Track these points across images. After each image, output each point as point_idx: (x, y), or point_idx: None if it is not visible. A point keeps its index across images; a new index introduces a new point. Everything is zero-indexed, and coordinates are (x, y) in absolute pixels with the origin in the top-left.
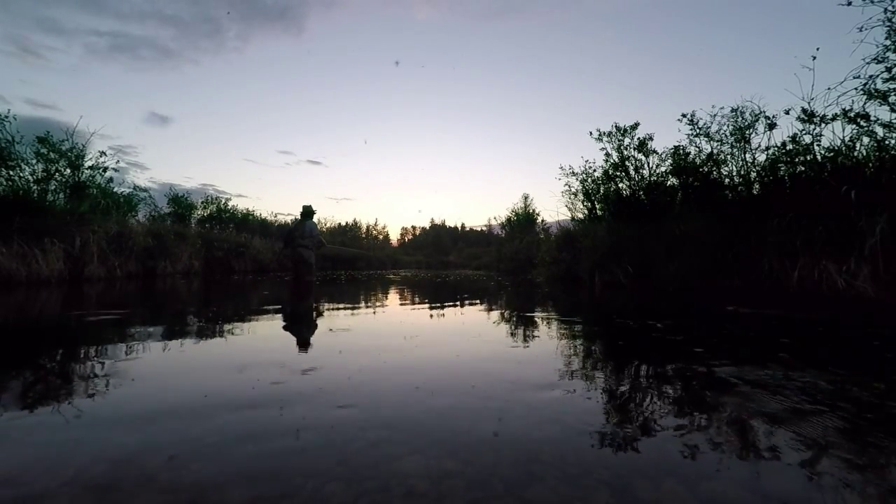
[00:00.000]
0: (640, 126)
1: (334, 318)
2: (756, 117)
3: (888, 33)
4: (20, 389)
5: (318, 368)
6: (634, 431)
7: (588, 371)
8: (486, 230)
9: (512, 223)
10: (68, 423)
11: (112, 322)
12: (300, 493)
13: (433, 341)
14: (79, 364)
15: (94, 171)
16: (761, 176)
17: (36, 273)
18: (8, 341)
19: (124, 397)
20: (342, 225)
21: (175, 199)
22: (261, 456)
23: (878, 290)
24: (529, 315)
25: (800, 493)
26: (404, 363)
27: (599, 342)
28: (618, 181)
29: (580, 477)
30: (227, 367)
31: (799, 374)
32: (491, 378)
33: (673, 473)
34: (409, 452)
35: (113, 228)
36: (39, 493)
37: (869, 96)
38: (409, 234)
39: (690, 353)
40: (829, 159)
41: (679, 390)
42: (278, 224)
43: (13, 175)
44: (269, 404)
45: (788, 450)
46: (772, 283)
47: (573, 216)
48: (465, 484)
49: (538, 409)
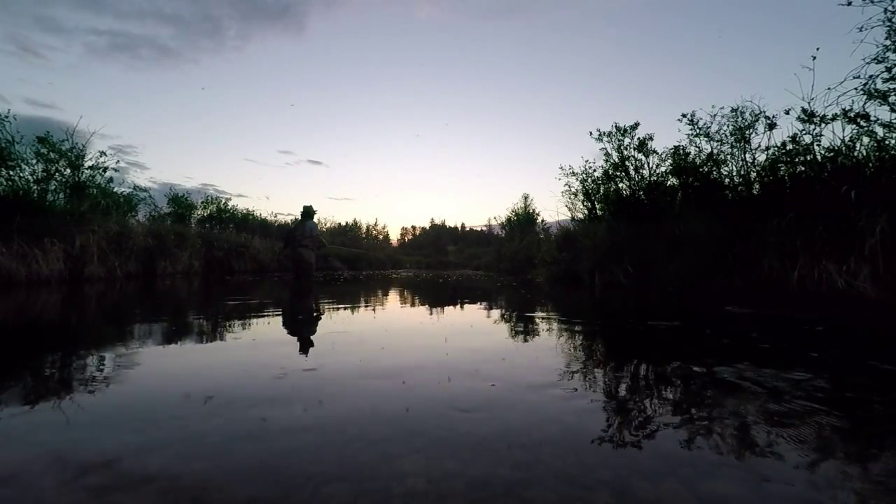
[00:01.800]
0: (640, 126)
1: (351, 321)
2: (756, 117)
3: (888, 33)
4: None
5: (318, 368)
6: (634, 431)
7: (588, 371)
8: (486, 230)
9: (512, 223)
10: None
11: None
12: (300, 493)
13: (434, 341)
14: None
15: (94, 171)
16: (761, 176)
17: (36, 273)
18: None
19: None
20: (342, 225)
21: (175, 199)
22: (261, 456)
23: (878, 290)
24: (529, 315)
25: (799, 492)
26: (404, 363)
27: (599, 342)
28: (618, 181)
29: (580, 477)
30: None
31: (798, 373)
32: (490, 378)
33: (673, 473)
34: (409, 452)
35: (113, 228)
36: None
37: (869, 96)
38: (409, 234)
39: (690, 353)
40: (829, 159)
41: (679, 390)
42: (278, 224)
43: (13, 175)
44: (270, 403)
45: (788, 449)
46: (772, 283)
47: (573, 216)
48: (465, 484)
49: (538, 409)
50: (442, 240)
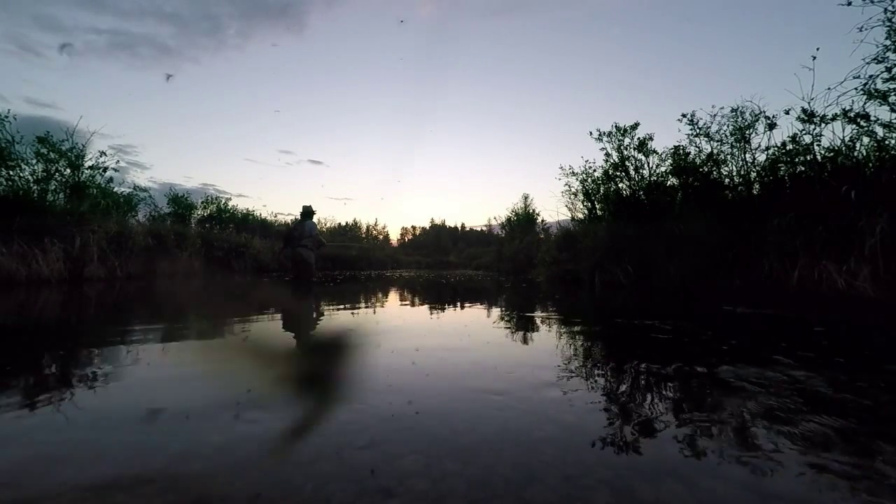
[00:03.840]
0: (640, 126)
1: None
2: (756, 117)
3: (888, 33)
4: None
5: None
6: (634, 431)
7: (588, 371)
8: (486, 230)
9: (512, 223)
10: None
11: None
12: (300, 493)
13: (433, 342)
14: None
15: (94, 171)
16: (761, 176)
17: (36, 273)
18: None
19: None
20: (342, 225)
21: (175, 199)
22: (261, 455)
23: (878, 290)
24: (529, 315)
25: (799, 492)
26: (404, 363)
27: (599, 342)
28: (618, 181)
29: (580, 477)
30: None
31: (798, 373)
32: (491, 377)
33: (673, 473)
34: (409, 452)
35: (113, 228)
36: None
37: (869, 96)
38: (409, 234)
39: (690, 352)
40: (829, 159)
41: (678, 390)
42: (278, 224)
43: (13, 175)
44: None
45: (788, 449)
46: (772, 283)
47: (573, 216)
48: (465, 484)
49: (538, 409)
50: (442, 240)
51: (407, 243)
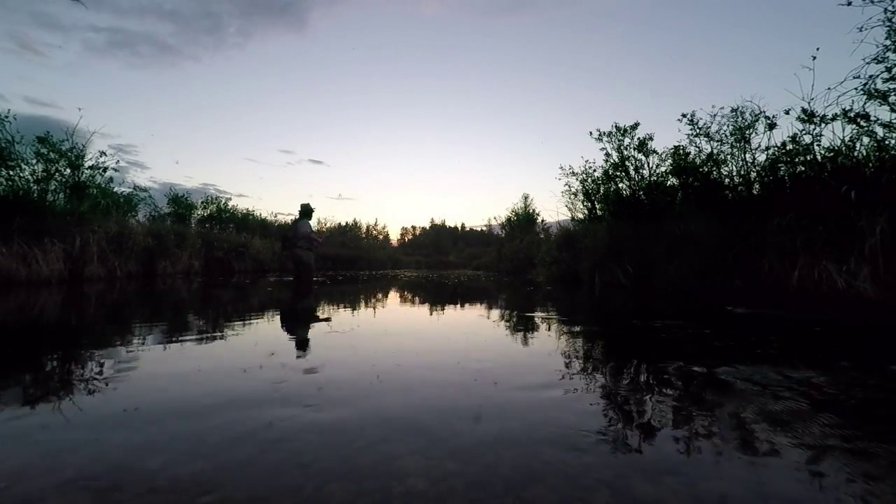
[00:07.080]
0: (640, 126)
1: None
2: (756, 117)
3: (888, 33)
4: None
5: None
6: (634, 431)
7: (588, 371)
8: (486, 230)
9: (512, 223)
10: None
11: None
12: (300, 493)
13: (433, 342)
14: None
15: (94, 171)
16: (761, 176)
17: (36, 273)
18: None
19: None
20: (342, 225)
21: (175, 199)
22: (261, 455)
23: (878, 290)
24: (529, 315)
25: (799, 492)
26: (403, 363)
27: (599, 342)
28: (618, 181)
29: (580, 477)
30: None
31: (798, 373)
32: (490, 377)
33: (673, 473)
34: (408, 452)
35: (113, 228)
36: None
37: (869, 96)
38: (409, 234)
39: (690, 352)
40: (829, 159)
41: (678, 390)
42: (278, 224)
43: (13, 175)
44: (270, 403)
45: (788, 449)
46: (772, 283)
47: (573, 216)
48: (465, 484)
49: (538, 409)
50: (442, 240)
51: (407, 243)
